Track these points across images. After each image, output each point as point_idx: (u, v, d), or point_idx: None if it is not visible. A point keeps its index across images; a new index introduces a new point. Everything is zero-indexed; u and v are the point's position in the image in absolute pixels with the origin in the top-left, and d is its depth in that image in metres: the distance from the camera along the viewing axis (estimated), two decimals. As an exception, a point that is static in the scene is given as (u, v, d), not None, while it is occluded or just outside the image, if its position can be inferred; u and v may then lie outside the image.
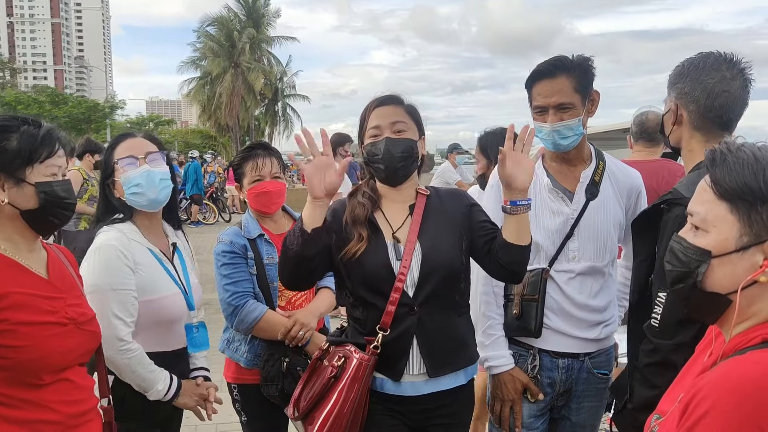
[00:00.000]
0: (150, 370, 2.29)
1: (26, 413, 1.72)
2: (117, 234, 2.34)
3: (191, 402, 2.42)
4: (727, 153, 1.11)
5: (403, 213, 2.23)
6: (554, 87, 2.32)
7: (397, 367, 2.14)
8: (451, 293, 2.20)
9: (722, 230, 1.11)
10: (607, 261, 2.48)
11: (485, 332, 2.43)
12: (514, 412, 2.42)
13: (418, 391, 2.17)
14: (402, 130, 2.20)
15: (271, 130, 58.24)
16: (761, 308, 1.10)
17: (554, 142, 2.36)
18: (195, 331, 2.48)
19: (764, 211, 1.06)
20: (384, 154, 2.16)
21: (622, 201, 2.50)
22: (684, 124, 2.04)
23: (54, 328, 1.77)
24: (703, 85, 2.00)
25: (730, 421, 0.93)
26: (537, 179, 2.44)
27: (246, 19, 55.41)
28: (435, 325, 2.15)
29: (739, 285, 1.09)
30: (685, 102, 2.03)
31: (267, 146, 2.96)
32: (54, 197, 1.81)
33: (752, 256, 1.08)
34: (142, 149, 2.40)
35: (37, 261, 1.88)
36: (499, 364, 2.42)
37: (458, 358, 2.21)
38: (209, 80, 54.29)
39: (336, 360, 2.14)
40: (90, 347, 1.93)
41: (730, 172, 1.09)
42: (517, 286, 2.43)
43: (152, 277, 2.34)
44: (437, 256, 2.15)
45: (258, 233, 2.79)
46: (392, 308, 2.10)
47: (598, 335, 2.46)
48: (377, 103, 2.24)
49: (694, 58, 2.05)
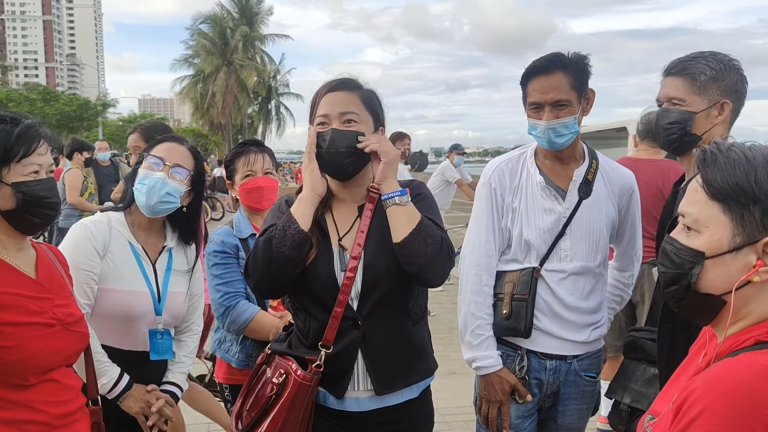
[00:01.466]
0: (98, 359, 2.21)
1: (12, 413, 1.70)
2: (99, 218, 2.35)
3: (136, 407, 2.30)
4: (718, 153, 1.11)
5: (352, 215, 2.03)
6: (551, 83, 2.28)
7: (340, 385, 1.97)
8: (402, 301, 2.01)
9: (715, 231, 1.10)
10: (599, 261, 2.46)
11: (474, 332, 2.40)
12: (501, 413, 2.40)
13: (363, 407, 1.99)
14: (352, 120, 1.96)
15: (264, 129, 58.14)
16: (755, 308, 1.09)
17: (549, 139, 2.33)
18: (159, 337, 2.39)
19: (756, 211, 1.05)
20: (328, 147, 1.93)
21: (615, 200, 2.48)
22: (725, 123, 2.06)
23: (41, 329, 1.75)
24: (743, 81, 2.03)
25: (723, 424, 0.93)
26: (529, 177, 2.43)
27: (239, 16, 55.26)
28: (383, 338, 1.97)
29: (732, 286, 1.08)
30: (734, 98, 2.06)
31: (259, 143, 2.94)
32: (32, 197, 1.76)
33: (745, 257, 1.07)
34: (175, 158, 2.37)
35: (26, 261, 1.85)
36: (487, 364, 2.39)
37: (411, 371, 2.04)
38: (202, 78, 54.14)
39: (276, 377, 1.97)
40: (78, 348, 1.90)
41: (721, 173, 1.09)
42: (507, 285, 2.40)
43: (119, 268, 2.30)
44: (381, 265, 1.94)
45: (249, 233, 2.77)
46: (335, 324, 1.92)
47: (587, 338, 2.44)
48: (328, 88, 2.00)
49: (716, 53, 2.08)
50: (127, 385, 2.29)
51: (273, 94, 57.97)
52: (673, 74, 2.16)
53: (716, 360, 1.08)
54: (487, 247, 2.43)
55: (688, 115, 2.10)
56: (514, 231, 2.42)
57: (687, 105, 2.11)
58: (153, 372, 2.43)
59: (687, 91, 2.12)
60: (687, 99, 2.11)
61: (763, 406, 0.93)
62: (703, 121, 2.10)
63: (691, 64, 2.11)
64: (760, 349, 1.03)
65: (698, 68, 2.09)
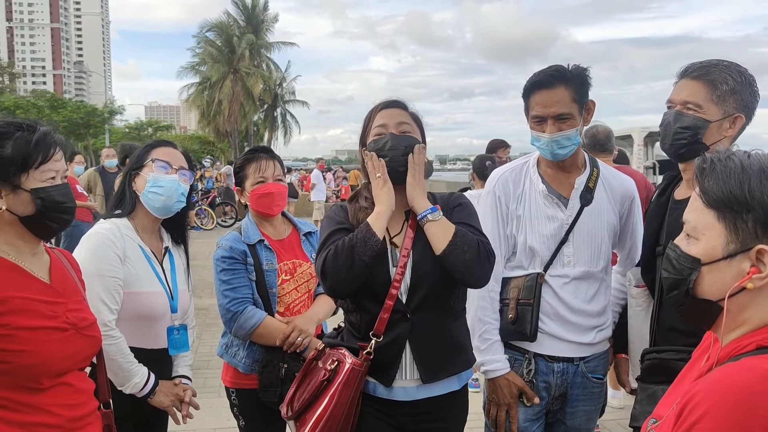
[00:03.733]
0: (129, 361, 2.32)
1: (26, 416, 1.72)
2: (110, 226, 2.41)
3: (167, 401, 2.44)
4: (717, 162, 1.13)
5: (401, 218, 2.24)
6: (553, 97, 2.33)
7: (389, 373, 2.14)
8: (446, 298, 2.19)
9: (710, 238, 1.12)
10: (602, 266, 2.50)
11: (481, 337, 2.45)
12: (509, 416, 2.43)
13: (410, 396, 2.16)
14: (407, 131, 2.21)
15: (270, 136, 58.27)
16: (752, 315, 1.11)
17: (552, 151, 2.38)
18: (176, 333, 2.51)
19: (749, 220, 1.07)
20: (389, 149, 2.16)
21: (616, 207, 2.53)
22: (732, 138, 2.03)
23: (54, 333, 1.77)
24: (757, 98, 2.00)
25: (724, 427, 0.94)
26: (532, 185, 2.49)
27: (245, 24, 55.50)
28: (428, 331, 2.15)
29: (727, 292, 1.10)
30: (747, 113, 2.03)
31: (269, 150, 2.97)
32: (51, 202, 1.80)
33: (739, 264, 1.09)
34: (178, 162, 2.53)
35: (40, 265, 1.88)
36: (495, 368, 2.43)
37: (452, 363, 2.20)
38: (208, 85, 54.33)
39: (329, 363, 2.16)
40: (90, 352, 1.93)
41: (717, 181, 1.11)
42: (512, 291, 2.46)
43: (138, 272, 2.39)
44: (427, 265, 2.13)
45: (258, 239, 2.80)
46: (386, 315, 2.10)
47: (592, 339, 2.48)
48: (383, 106, 2.25)
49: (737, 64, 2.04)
50: (155, 383, 2.40)
51: (279, 101, 58.14)
52: (693, 77, 2.08)
53: (718, 364, 1.09)
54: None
55: (702, 123, 2.04)
56: (519, 238, 2.47)
57: (703, 112, 2.05)
58: (167, 367, 2.55)
59: (706, 97, 2.05)
60: (704, 106, 2.05)
61: (764, 410, 0.93)
62: (715, 131, 2.06)
63: (714, 71, 2.05)
64: (761, 354, 1.04)
65: (721, 77, 2.03)
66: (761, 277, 1.07)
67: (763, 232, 1.06)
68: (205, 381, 5.41)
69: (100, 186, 8.87)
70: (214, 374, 5.71)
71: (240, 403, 2.84)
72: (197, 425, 2.60)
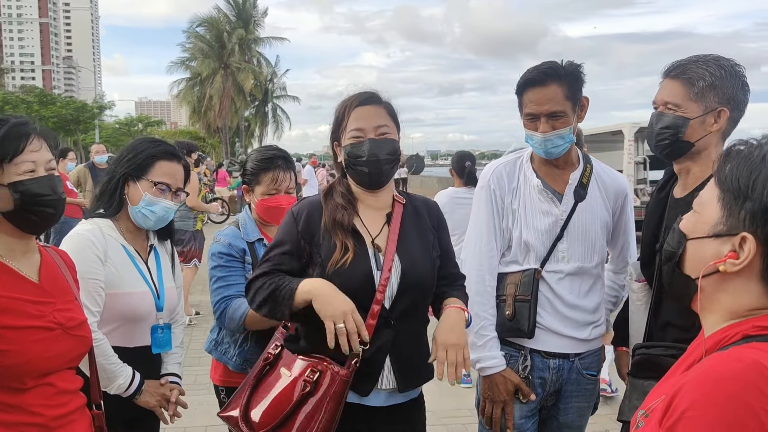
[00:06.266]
0: (111, 362, 2.29)
1: (8, 416, 1.70)
2: (91, 227, 2.36)
3: (153, 401, 2.40)
4: (745, 147, 1.15)
5: (380, 220, 2.17)
6: (546, 95, 2.32)
7: (368, 383, 2.07)
8: (423, 307, 2.20)
9: (706, 213, 1.15)
10: (596, 262, 2.50)
11: (478, 333, 2.42)
12: (505, 413, 2.42)
13: (381, 402, 2.13)
14: (385, 133, 2.12)
15: (261, 132, 58.14)
16: (723, 299, 1.13)
17: (546, 150, 2.38)
18: (160, 332, 2.48)
19: (744, 209, 1.09)
20: (369, 156, 2.07)
21: (609, 204, 2.53)
22: (720, 132, 2.03)
23: (39, 333, 1.74)
24: (745, 89, 2.00)
25: (712, 418, 0.94)
26: (527, 181, 2.48)
27: (236, 20, 55.26)
28: (408, 340, 2.12)
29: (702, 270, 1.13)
30: (732, 106, 2.03)
31: (288, 159, 2.87)
32: (29, 196, 1.73)
33: (721, 245, 1.11)
34: (178, 182, 2.48)
35: (30, 265, 1.84)
36: (491, 365, 2.42)
37: (425, 371, 2.19)
38: (199, 81, 54.11)
39: (309, 374, 2.02)
40: (79, 352, 1.90)
41: (734, 164, 1.13)
42: (509, 287, 2.44)
43: (121, 272, 2.35)
44: (417, 272, 2.10)
45: (257, 237, 2.77)
46: (372, 322, 2.02)
47: (588, 335, 2.48)
48: (358, 102, 2.13)
49: (719, 57, 2.03)
50: (140, 383, 2.37)
51: (269, 97, 57.98)
52: (671, 77, 2.11)
53: (706, 355, 1.10)
54: (489, 248, 2.46)
55: (682, 121, 2.06)
56: (514, 232, 2.46)
57: (682, 110, 2.07)
58: (154, 365, 2.51)
59: (683, 96, 2.06)
60: (683, 104, 2.06)
61: (752, 399, 0.94)
62: (698, 128, 2.06)
63: (691, 68, 2.05)
64: (747, 343, 1.05)
65: (697, 73, 2.03)
66: (735, 263, 1.08)
67: (751, 223, 1.07)
68: (196, 378, 5.38)
69: (90, 182, 8.83)
70: (205, 371, 5.64)
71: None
72: (188, 423, 2.58)
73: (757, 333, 1.06)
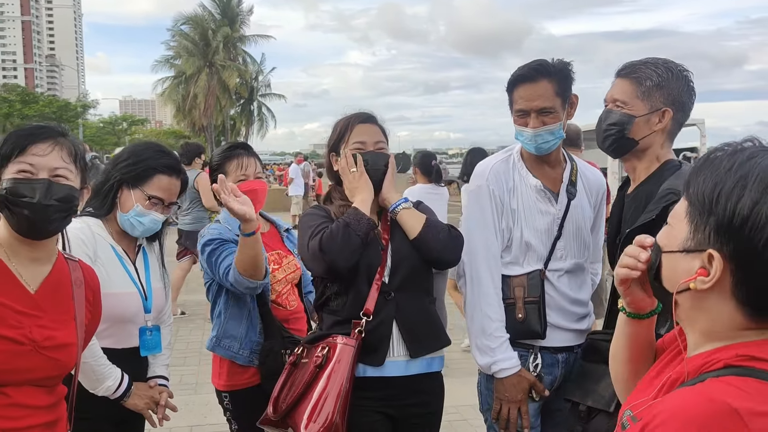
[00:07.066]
0: (100, 364, 2.26)
1: None
2: (81, 225, 2.32)
3: (141, 404, 2.39)
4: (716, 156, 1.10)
5: (375, 216, 2.41)
6: (536, 91, 2.34)
7: (379, 353, 2.28)
8: (422, 280, 2.41)
9: (678, 227, 1.12)
10: (587, 257, 2.57)
11: (492, 335, 2.40)
12: (521, 412, 2.40)
13: (401, 371, 2.31)
14: (382, 148, 2.47)
15: (247, 130, 57.92)
16: (698, 317, 1.10)
17: (536, 145, 2.39)
18: (148, 334, 2.45)
19: (708, 224, 1.05)
20: (370, 166, 2.39)
21: (592, 199, 2.59)
22: (665, 132, 2.08)
23: (5, 343, 1.66)
24: (690, 93, 2.05)
25: None
26: (522, 180, 2.47)
27: (221, 17, 55.02)
28: (412, 308, 2.34)
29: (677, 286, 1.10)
30: (677, 107, 2.07)
31: (247, 146, 2.93)
32: (11, 194, 1.68)
33: (692, 261, 1.08)
34: (171, 197, 2.46)
35: (34, 273, 1.77)
36: (508, 366, 2.39)
37: (435, 338, 2.40)
38: (183, 79, 53.86)
39: (320, 350, 2.26)
40: (52, 374, 1.77)
41: (703, 176, 1.08)
42: (517, 290, 2.44)
43: (109, 273, 2.32)
44: (406, 248, 2.36)
45: None
46: (375, 294, 2.28)
47: (587, 326, 2.54)
48: (360, 120, 2.46)
49: (669, 61, 2.08)
50: (129, 385, 2.34)
51: (255, 95, 57.80)
52: (622, 76, 2.19)
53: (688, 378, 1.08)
54: (495, 249, 2.46)
55: (628, 118, 2.14)
56: (515, 232, 2.46)
57: (629, 108, 2.14)
58: (142, 367, 2.49)
59: (631, 94, 2.15)
60: (630, 102, 2.14)
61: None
62: (642, 126, 2.14)
63: (641, 68, 2.14)
64: (726, 376, 1.02)
65: (646, 73, 2.12)
66: (705, 281, 1.05)
67: (716, 240, 1.04)
68: (181, 378, 5.36)
69: (73, 181, 8.76)
70: (191, 371, 5.68)
71: (234, 407, 2.78)
72: (173, 423, 2.56)
73: (738, 363, 1.03)
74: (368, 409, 2.28)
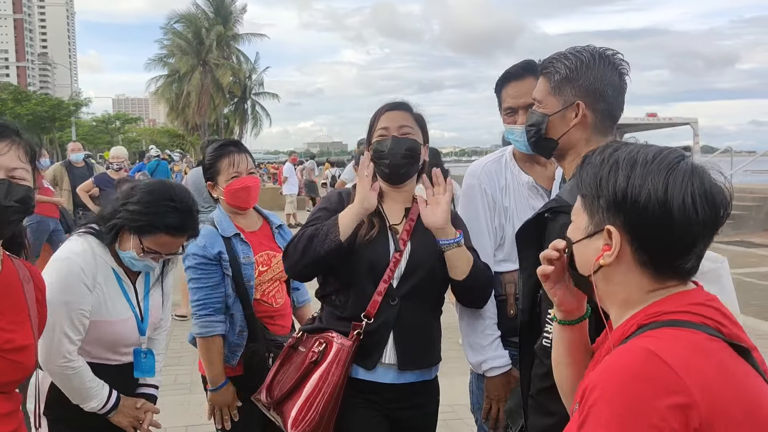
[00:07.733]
0: (88, 387, 2.25)
1: None
2: (84, 247, 2.29)
3: (125, 422, 2.37)
4: (591, 156, 1.29)
5: (400, 213, 2.36)
6: (523, 88, 2.34)
7: (372, 356, 2.23)
8: (433, 293, 2.32)
9: (578, 220, 1.29)
10: None
11: (483, 333, 2.40)
12: None
13: (391, 379, 2.26)
14: (408, 133, 2.33)
15: (240, 129, 57.82)
16: (615, 291, 1.23)
17: (526, 142, 2.37)
18: (143, 357, 2.45)
19: (600, 206, 1.22)
20: (389, 151, 2.28)
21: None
22: (586, 126, 1.87)
23: None
24: (606, 80, 1.84)
25: (615, 409, 1.02)
26: (514, 178, 2.48)
27: (214, 16, 54.86)
28: (412, 319, 2.26)
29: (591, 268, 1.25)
30: (592, 99, 1.86)
31: (239, 144, 2.95)
32: None
33: (596, 242, 1.23)
34: (171, 249, 2.36)
35: None
36: (500, 364, 2.39)
37: (425, 356, 2.32)
38: (177, 78, 53.72)
39: (317, 345, 2.23)
40: (11, 378, 1.71)
41: (585, 172, 1.28)
42: (508, 286, 2.44)
43: (107, 299, 2.31)
44: (425, 254, 2.27)
45: (233, 232, 2.76)
46: (378, 298, 2.21)
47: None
48: (387, 108, 2.37)
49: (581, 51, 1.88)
50: (115, 403, 2.34)
51: (248, 93, 57.68)
52: (541, 73, 1.97)
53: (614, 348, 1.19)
54: (488, 248, 2.46)
55: (541, 117, 1.93)
56: (507, 229, 2.46)
57: (543, 107, 1.95)
58: (129, 378, 2.46)
59: (545, 91, 1.94)
60: (544, 100, 1.94)
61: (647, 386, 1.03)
62: (558, 123, 1.91)
63: (552, 63, 1.92)
64: (641, 333, 1.14)
65: (555, 67, 1.90)
66: (610, 254, 1.19)
67: (608, 216, 1.20)
68: (176, 377, 5.34)
69: (66, 181, 8.69)
70: (186, 371, 5.64)
71: None
72: (169, 423, 2.56)
73: (648, 321, 1.16)
74: (365, 407, 2.26)
